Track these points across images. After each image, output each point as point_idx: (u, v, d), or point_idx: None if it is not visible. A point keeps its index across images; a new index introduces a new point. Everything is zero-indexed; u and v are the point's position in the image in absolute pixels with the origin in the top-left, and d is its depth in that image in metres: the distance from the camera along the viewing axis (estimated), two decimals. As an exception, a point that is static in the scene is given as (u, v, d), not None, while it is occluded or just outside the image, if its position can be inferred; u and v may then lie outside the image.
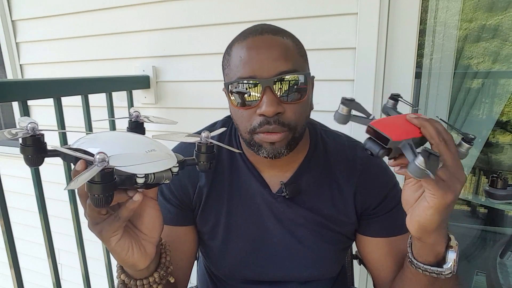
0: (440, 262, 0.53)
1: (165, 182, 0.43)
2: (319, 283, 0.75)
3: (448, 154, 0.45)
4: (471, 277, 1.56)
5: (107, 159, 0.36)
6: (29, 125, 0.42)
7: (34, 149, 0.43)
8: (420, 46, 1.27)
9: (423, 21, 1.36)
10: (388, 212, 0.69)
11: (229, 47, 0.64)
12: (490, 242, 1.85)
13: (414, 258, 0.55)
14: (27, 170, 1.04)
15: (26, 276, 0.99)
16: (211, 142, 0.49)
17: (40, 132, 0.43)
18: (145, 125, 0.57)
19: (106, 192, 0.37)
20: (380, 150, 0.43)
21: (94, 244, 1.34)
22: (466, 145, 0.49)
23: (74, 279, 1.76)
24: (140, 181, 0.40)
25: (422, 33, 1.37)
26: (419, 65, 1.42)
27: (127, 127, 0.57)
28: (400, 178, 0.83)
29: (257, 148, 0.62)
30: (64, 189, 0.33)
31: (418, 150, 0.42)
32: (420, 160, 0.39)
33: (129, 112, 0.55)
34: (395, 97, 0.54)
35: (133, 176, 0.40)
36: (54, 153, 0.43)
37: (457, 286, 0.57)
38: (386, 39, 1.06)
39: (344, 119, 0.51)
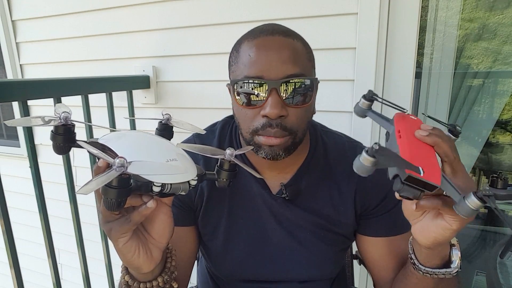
0: (446, 262, 0.54)
1: (181, 193, 0.43)
2: (318, 283, 0.75)
3: (463, 171, 0.43)
4: (471, 277, 1.56)
5: (126, 165, 0.35)
6: (63, 114, 0.42)
7: (64, 138, 0.43)
8: (420, 46, 1.27)
9: (423, 21, 1.36)
10: (388, 211, 0.69)
11: (237, 44, 0.63)
12: (490, 242, 1.85)
13: (421, 264, 0.54)
14: (27, 170, 1.04)
15: (26, 276, 0.99)
16: (233, 161, 0.49)
17: (72, 122, 0.43)
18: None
19: (120, 198, 0.37)
20: (421, 194, 0.39)
21: (94, 244, 1.34)
22: (453, 138, 0.48)
23: (74, 279, 1.76)
24: (156, 189, 0.40)
25: (422, 32, 1.37)
26: (419, 65, 1.42)
27: (156, 128, 0.57)
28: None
29: (256, 148, 0.62)
30: (77, 192, 0.34)
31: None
32: (473, 202, 0.36)
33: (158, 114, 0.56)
34: (371, 97, 0.51)
35: (149, 184, 0.40)
36: (80, 145, 0.43)
37: (459, 282, 0.57)
38: (386, 39, 1.06)
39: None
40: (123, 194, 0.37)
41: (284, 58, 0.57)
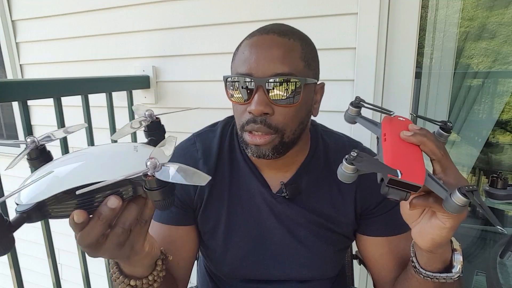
0: (448, 266, 0.53)
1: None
2: (318, 283, 0.75)
3: (453, 168, 0.43)
4: (471, 277, 1.55)
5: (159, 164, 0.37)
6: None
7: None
8: (420, 46, 1.27)
9: (423, 21, 1.36)
10: (388, 211, 0.69)
11: (240, 43, 0.65)
12: (490, 242, 1.85)
13: (422, 268, 0.54)
14: (27, 170, 1.03)
15: (26, 276, 0.99)
16: (157, 117, 0.49)
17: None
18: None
19: (168, 196, 0.38)
20: (407, 195, 0.39)
21: (94, 244, 1.34)
22: (445, 135, 0.48)
23: (74, 279, 1.76)
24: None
25: (422, 32, 1.37)
26: (419, 65, 1.42)
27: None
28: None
29: (245, 145, 0.64)
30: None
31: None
32: (458, 198, 0.36)
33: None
34: (359, 103, 0.52)
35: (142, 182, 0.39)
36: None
37: (460, 286, 0.57)
38: (386, 39, 1.06)
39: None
40: (168, 191, 0.38)
41: (273, 57, 0.58)
